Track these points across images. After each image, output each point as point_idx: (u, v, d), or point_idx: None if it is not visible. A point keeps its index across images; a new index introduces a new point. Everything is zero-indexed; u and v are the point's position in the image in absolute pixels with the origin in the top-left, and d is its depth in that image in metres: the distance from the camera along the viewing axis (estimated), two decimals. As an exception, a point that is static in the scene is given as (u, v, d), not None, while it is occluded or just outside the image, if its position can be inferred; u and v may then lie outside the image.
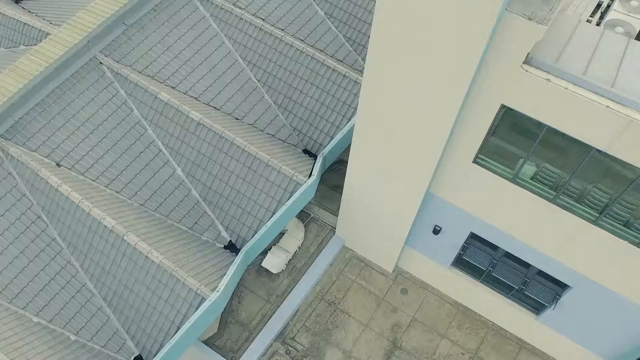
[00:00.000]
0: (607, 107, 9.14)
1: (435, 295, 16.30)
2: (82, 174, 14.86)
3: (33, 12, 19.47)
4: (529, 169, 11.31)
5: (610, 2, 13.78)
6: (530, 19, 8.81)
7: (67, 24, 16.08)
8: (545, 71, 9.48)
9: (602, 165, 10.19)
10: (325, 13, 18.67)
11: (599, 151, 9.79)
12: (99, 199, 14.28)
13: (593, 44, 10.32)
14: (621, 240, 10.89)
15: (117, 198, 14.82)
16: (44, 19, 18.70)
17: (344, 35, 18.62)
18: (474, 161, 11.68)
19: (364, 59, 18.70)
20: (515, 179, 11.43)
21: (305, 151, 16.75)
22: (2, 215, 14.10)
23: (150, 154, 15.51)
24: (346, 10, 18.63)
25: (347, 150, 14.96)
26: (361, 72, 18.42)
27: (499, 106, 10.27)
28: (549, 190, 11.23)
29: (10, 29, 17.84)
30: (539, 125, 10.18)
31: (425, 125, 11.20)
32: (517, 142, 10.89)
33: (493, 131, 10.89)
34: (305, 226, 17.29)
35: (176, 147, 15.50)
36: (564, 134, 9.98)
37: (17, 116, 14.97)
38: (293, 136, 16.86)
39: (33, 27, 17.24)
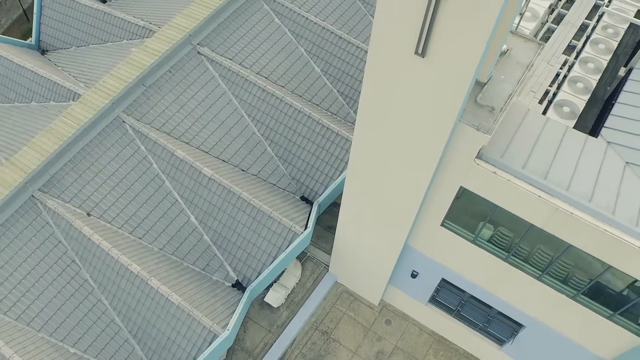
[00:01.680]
0: (539, 197, 11.77)
1: (415, 326, 18.95)
2: (109, 222, 17.49)
3: (59, 66, 22.14)
4: (486, 232, 13.95)
5: (560, 84, 16.47)
6: (477, 129, 11.43)
7: (94, 88, 18.67)
8: (492, 165, 12.11)
9: (542, 235, 12.81)
10: (321, 70, 21.31)
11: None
12: (125, 246, 16.91)
13: (535, 135, 12.97)
14: (560, 293, 13.54)
15: (139, 244, 17.44)
16: (69, 74, 21.36)
17: (337, 91, 21.27)
18: (442, 224, 14.32)
19: (355, 112, 21.32)
20: (474, 241, 14.08)
21: (303, 198, 19.40)
22: (42, 260, 16.73)
23: (167, 203, 18.14)
24: (339, 68, 21.26)
25: (341, 194, 17.53)
26: (352, 124, 21.05)
27: (458, 187, 12.90)
28: (502, 251, 13.87)
29: (42, 86, 20.45)
30: (491, 202, 12.81)
31: (402, 197, 13.81)
32: (475, 213, 13.52)
33: (455, 203, 13.52)
34: (302, 264, 19.93)
35: (190, 197, 18.12)
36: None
37: (53, 171, 17.58)
38: (292, 185, 19.50)
39: (63, 86, 19.85)
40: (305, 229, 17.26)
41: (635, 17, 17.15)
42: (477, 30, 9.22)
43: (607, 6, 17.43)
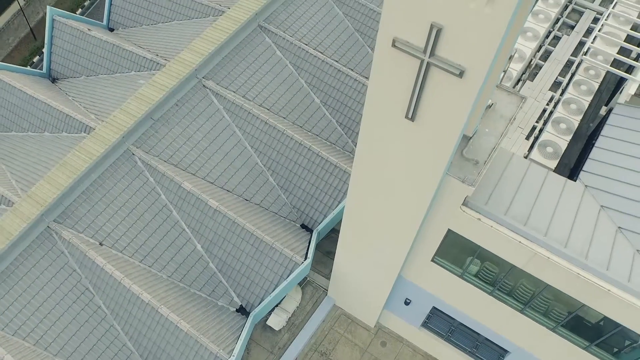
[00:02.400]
0: (520, 242, 12.96)
1: (409, 348, 20.15)
2: (121, 252, 18.68)
3: (70, 96, 23.33)
4: (473, 268, 15.15)
5: (544, 123, 17.68)
6: (463, 182, 12.62)
7: (105, 122, 19.84)
8: (477, 212, 13.29)
9: (524, 273, 14.01)
10: (320, 101, 22.49)
11: (519, 266, 13.64)
12: (136, 275, 18.09)
13: (518, 180, 14.17)
14: (540, 325, 14.74)
15: (149, 272, 18.63)
16: (80, 104, 22.53)
17: (336, 121, 22.45)
18: (432, 260, 15.53)
19: (354, 142, 22.50)
20: (462, 275, 15.27)
21: (303, 226, 20.60)
22: (57, 288, 17.91)
23: (175, 233, 19.32)
24: (338, 99, 22.44)
25: (339, 222, 18.67)
26: (351, 153, 22.23)
27: (446, 229, 14.09)
28: (487, 286, 15.07)
29: (55, 118, 21.61)
30: (477, 244, 14.00)
31: (395, 236, 14.99)
32: (462, 251, 14.72)
33: (444, 242, 14.71)
34: (302, 289, 21.13)
35: (197, 227, 19.30)
36: (494, 251, 13.82)
37: (67, 203, 18.75)
38: (293, 213, 20.69)
39: (74, 118, 21.00)
40: (305, 259, 18.45)
41: (613, 64, 18.30)
42: (461, 100, 10.40)
43: (586, 53, 18.57)
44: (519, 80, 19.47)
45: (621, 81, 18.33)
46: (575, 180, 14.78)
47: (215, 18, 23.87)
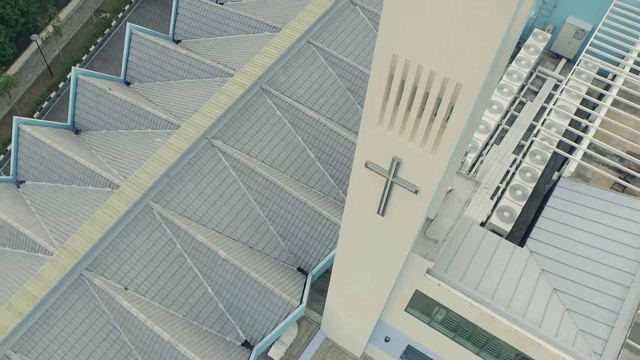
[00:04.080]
0: (471, 304, 16.40)
1: (391, 376, 23.62)
2: (143, 295, 22.12)
3: (93, 149, 26.74)
4: (438, 317, 18.59)
5: (502, 193, 21.10)
6: (424, 257, 16.05)
7: (128, 181, 23.24)
8: (437, 278, 16.73)
9: (477, 325, 17.45)
10: (315, 157, 25.91)
11: (473, 320, 17.09)
12: (157, 316, 21.53)
13: (474, 249, 17.60)
14: (494, 366, 18.22)
15: (167, 312, 22.08)
16: (103, 159, 25.94)
17: (329, 174, 25.87)
18: (405, 310, 18.97)
19: (344, 192, 25.88)
20: (429, 323, 18.73)
21: (299, 269, 24.04)
22: (90, 327, 21.35)
23: (189, 278, 22.75)
24: (331, 155, 25.85)
25: (331, 265, 22.02)
26: (342, 202, 25.64)
27: (414, 290, 17.55)
28: (449, 332, 18.53)
29: (82, 173, 25.01)
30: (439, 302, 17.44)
31: (373, 294, 18.43)
32: (428, 306, 18.16)
33: (413, 299, 18.16)
34: (298, 324, 24.57)
35: (208, 273, 22.73)
36: (453, 308, 17.27)
37: (96, 253, 22.17)
38: (290, 258, 24.13)
39: (100, 175, 24.40)
40: (301, 303, 21.89)
41: (564, 136, 21.66)
42: (417, 207, 13.81)
43: (544, 121, 21.96)
44: (480, 155, 22.84)
45: (571, 150, 21.71)
46: (523, 246, 18.22)
47: (223, 79, 27.29)
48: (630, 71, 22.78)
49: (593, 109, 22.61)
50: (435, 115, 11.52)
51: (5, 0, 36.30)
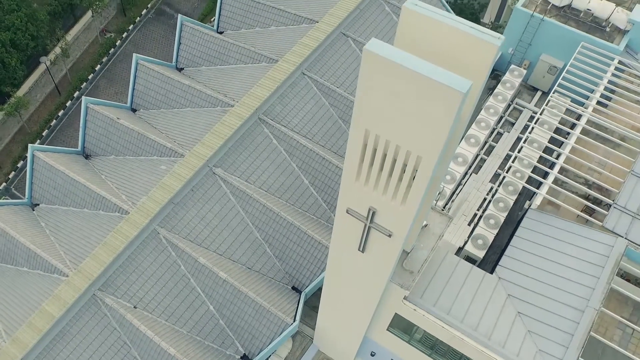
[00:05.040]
0: (443, 327, 18.69)
1: (378, 386, 25.89)
2: (150, 313, 24.41)
3: (103, 174, 29.02)
4: (417, 336, 20.88)
5: (478, 220, 23.34)
6: (401, 287, 18.33)
7: (136, 208, 25.51)
8: (413, 304, 19.01)
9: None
10: (309, 182, 28.17)
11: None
12: (163, 332, 23.82)
13: (447, 276, 19.87)
14: (466, 380, 20.50)
15: (172, 328, 24.37)
16: (112, 184, 28.21)
17: (321, 199, 28.14)
18: (387, 329, 21.27)
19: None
20: (409, 342, 21.02)
21: (294, 288, 26.33)
22: (102, 343, 23.65)
23: (192, 296, 25.04)
24: (323, 181, 28.11)
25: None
26: (332, 224, 27.85)
27: (394, 313, 19.84)
28: (427, 349, 20.82)
29: (93, 198, 27.30)
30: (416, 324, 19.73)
31: (358, 315, 20.71)
32: (407, 326, 20.45)
33: (394, 320, 20.46)
34: (293, 338, 26.86)
35: (209, 292, 25.01)
36: (428, 329, 19.56)
37: (108, 275, 24.45)
38: (285, 278, 26.42)
39: (110, 201, 26.68)
40: (295, 320, 24.19)
41: (536, 167, 23.91)
42: (392, 247, 16.08)
43: (516, 156, 24.21)
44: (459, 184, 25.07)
45: (542, 181, 23.95)
46: (492, 273, 20.49)
47: (223, 109, 29.56)
48: (597, 103, 24.97)
49: (563, 142, 24.84)
50: (403, 174, 13.79)
51: (16, 26, 38.53)
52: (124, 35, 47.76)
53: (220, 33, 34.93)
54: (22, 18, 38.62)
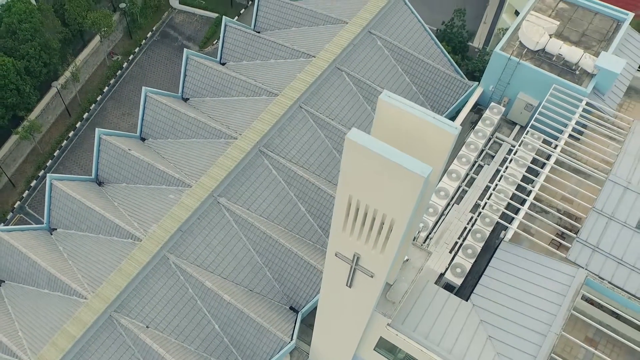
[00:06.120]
0: (421, 350, 21.45)
1: (368, 398, 28.64)
2: (162, 332, 27.18)
3: (115, 202, 31.75)
4: (400, 355, 23.63)
5: (458, 249, 26.04)
6: (384, 315, 21.07)
7: (147, 236, 28.24)
8: (395, 329, 21.75)
9: (429, 364, 22.48)
10: (305, 210, 30.89)
11: (425, 361, 22.12)
12: (173, 350, 26.59)
13: (426, 305, 22.61)
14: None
15: (181, 346, 27.14)
16: (124, 211, 30.95)
17: (317, 225, 30.86)
18: (374, 349, 24.03)
19: (329, 240, 30.83)
20: (393, 361, 23.80)
21: (291, 308, 29.09)
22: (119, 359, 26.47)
23: (199, 317, 27.80)
24: (318, 209, 30.83)
25: None
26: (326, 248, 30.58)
27: (379, 336, 22.61)
28: (409, 369, 23.58)
29: (107, 225, 30.03)
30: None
31: (348, 337, 23.46)
32: (391, 347, 23.21)
33: (379, 342, 23.22)
34: (290, 354, 29.63)
35: (215, 313, 27.77)
36: (410, 351, 22.32)
37: (123, 297, 27.20)
38: (284, 299, 29.18)
39: (123, 228, 29.43)
40: (292, 339, 26.96)
41: (508, 206, 26.56)
42: (374, 284, 18.79)
43: (492, 193, 26.89)
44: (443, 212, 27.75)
45: (517, 211, 26.62)
46: (467, 300, 23.21)
47: (227, 140, 32.27)
48: (568, 137, 27.56)
49: (536, 175, 27.53)
50: (381, 228, 16.51)
51: (30, 54, 41.22)
52: (130, 58, 50.43)
53: (223, 64, 37.65)
54: (36, 47, 41.28)
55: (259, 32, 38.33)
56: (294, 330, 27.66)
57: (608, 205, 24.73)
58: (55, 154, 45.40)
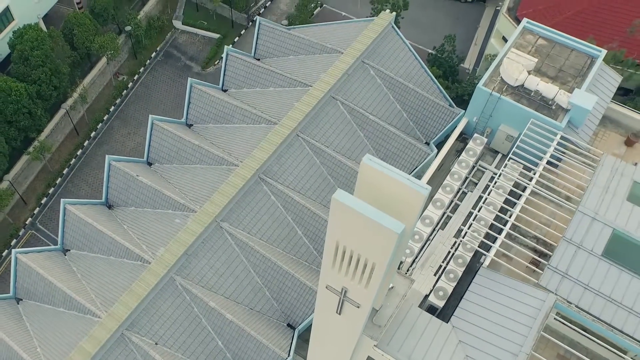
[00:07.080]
0: (404, 369, 24.08)
1: (360, 408, 31.25)
2: (169, 349, 29.81)
3: (125, 225, 34.39)
4: (388, 371, 26.23)
5: (442, 273, 28.65)
6: (371, 337, 23.69)
7: (156, 260, 30.84)
8: (381, 350, 24.37)
9: (413, 380, 25.12)
10: (302, 233, 33.49)
11: (408, 378, 24.74)
12: (180, 366, 29.24)
13: (410, 327, 25.24)
14: (425, 409, 25.91)
15: (188, 362, 29.79)
16: (133, 234, 33.57)
17: (313, 247, 33.47)
18: (364, 367, 26.66)
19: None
20: (382, 376, 26.43)
21: (289, 324, 31.72)
22: (130, 374, 29.09)
23: (204, 334, 30.42)
24: (314, 232, 33.42)
25: None
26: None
27: (367, 356, 25.24)
28: (396, 383, 26.20)
29: (118, 248, 32.66)
30: (385, 363, 25.12)
31: (339, 356, 26.08)
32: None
33: (368, 357, 25.85)
34: (288, 367, 32.30)
35: (218, 330, 30.39)
36: (395, 369, 24.93)
37: (134, 317, 29.82)
38: (282, 317, 31.81)
39: (133, 251, 32.05)
40: (289, 355, 29.59)
41: (487, 236, 29.14)
42: (360, 313, 21.40)
43: (473, 220, 29.45)
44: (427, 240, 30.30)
45: (495, 240, 29.19)
46: (447, 322, 25.82)
47: (228, 167, 34.85)
48: (543, 169, 30.15)
49: (513, 205, 30.10)
50: (364, 268, 19.11)
51: (42, 79, 43.79)
52: (135, 78, 52.92)
53: (225, 91, 40.23)
54: (47, 72, 43.83)
55: (258, 59, 40.92)
56: (291, 346, 30.28)
57: (577, 234, 27.31)
58: (64, 171, 47.95)
